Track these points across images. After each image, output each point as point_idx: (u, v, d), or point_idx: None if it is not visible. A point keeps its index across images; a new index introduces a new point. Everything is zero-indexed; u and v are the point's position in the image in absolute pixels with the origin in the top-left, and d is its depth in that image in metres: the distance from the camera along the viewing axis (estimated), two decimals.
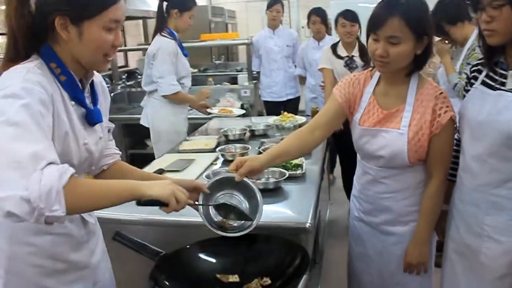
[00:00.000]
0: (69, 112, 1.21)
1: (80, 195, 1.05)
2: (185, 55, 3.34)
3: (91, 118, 1.29)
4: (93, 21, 1.14)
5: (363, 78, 1.79)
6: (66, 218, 1.03)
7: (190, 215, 1.82)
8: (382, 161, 1.71)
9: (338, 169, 4.35)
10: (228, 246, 1.44)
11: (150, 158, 2.89)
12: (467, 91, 1.58)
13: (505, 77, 1.43)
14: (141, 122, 3.49)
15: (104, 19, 1.15)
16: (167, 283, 1.24)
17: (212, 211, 1.50)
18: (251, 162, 1.62)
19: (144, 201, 1.17)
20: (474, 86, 1.54)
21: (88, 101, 1.30)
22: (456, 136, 1.68)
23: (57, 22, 1.13)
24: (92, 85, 1.34)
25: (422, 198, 1.72)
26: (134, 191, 1.14)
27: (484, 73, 1.51)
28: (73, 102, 1.23)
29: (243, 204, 1.56)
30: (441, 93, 1.63)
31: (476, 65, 1.58)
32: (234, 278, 1.34)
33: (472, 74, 1.58)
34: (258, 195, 1.53)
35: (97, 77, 1.39)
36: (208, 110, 3.50)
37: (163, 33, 3.19)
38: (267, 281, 1.30)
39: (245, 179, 1.58)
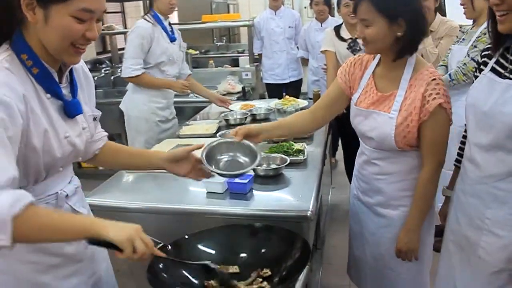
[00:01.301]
0: (46, 107, 1.14)
1: (31, 227, 0.97)
2: (172, 40, 3.16)
3: (69, 111, 1.22)
4: (61, 6, 1.05)
5: (366, 59, 1.80)
6: (13, 247, 0.96)
7: (191, 203, 1.82)
8: (374, 143, 1.73)
9: (340, 152, 4.32)
10: (227, 237, 1.42)
11: None
12: (476, 77, 1.50)
13: None
14: (120, 106, 3.38)
15: (74, 6, 1.06)
16: (165, 275, 1.21)
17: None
18: (249, 125, 1.70)
19: (97, 241, 1.05)
20: (483, 72, 1.45)
21: (66, 91, 1.23)
22: (464, 124, 1.62)
23: (23, 2, 1.05)
24: (71, 73, 1.26)
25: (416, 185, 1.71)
26: (87, 231, 1.02)
27: (494, 59, 1.42)
28: (49, 95, 1.16)
29: (242, 158, 1.56)
30: (434, 79, 1.60)
31: (487, 49, 1.48)
32: (234, 269, 1.32)
33: (482, 59, 1.49)
34: (255, 148, 1.57)
35: (78, 63, 1.28)
36: (230, 107, 3.31)
37: (145, 16, 3.10)
38: (267, 272, 1.27)
39: (244, 141, 1.60)
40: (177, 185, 2.02)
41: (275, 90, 4.81)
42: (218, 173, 1.47)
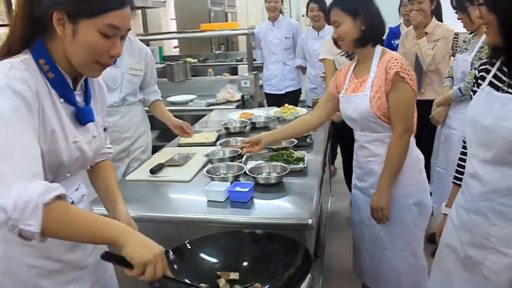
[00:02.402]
0: (58, 110, 1.17)
1: (60, 220, 0.99)
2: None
3: (81, 117, 1.25)
4: (90, 21, 1.10)
5: (348, 65, 2.22)
6: (45, 239, 0.98)
7: (192, 212, 1.82)
8: (358, 125, 2.08)
9: (339, 160, 4.33)
10: (229, 243, 1.42)
11: None
12: (475, 92, 1.50)
13: None
14: None
15: (102, 22, 1.11)
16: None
17: None
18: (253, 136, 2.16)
19: (112, 257, 1.05)
20: (481, 87, 1.45)
21: (79, 99, 1.26)
22: (463, 141, 1.63)
23: (55, 16, 1.09)
24: (86, 82, 1.30)
25: None
26: (115, 240, 1.03)
27: (492, 73, 1.42)
28: (62, 100, 1.19)
29: None
30: (393, 57, 1.96)
31: (484, 63, 1.49)
32: (235, 275, 1.32)
33: (480, 74, 1.49)
34: None
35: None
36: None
37: None
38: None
39: None
40: (177, 194, 2.02)
41: (273, 100, 4.79)
42: None
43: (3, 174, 0.95)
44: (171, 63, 4.80)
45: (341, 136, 3.73)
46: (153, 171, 2.20)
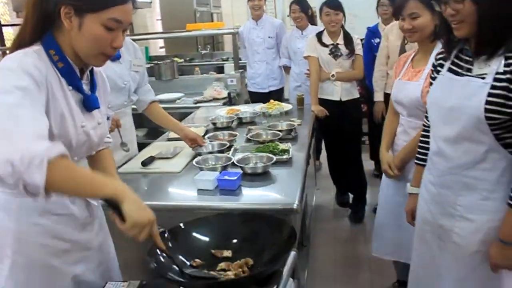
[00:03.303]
0: (67, 96, 1.27)
1: (63, 175, 1.06)
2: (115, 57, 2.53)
3: (88, 104, 1.35)
4: (95, 15, 1.20)
5: (409, 54, 2.32)
6: (48, 196, 1.04)
7: (182, 200, 1.91)
8: (407, 110, 2.19)
9: (324, 155, 4.44)
10: (220, 224, 1.52)
11: None
12: (434, 78, 1.67)
13: (471, 63, 1.50)
14: None
15: (106, 16, 1.21)
16: (162, 259, 1.30)
17: None
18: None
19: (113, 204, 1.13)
20: (441, 73, 1.62)
21: (86, 88, 1.36)
22: (424, 122, 1.80)
23: (63, 11, 1.20)
24: (92, 73, 1.40)
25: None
26: (114, 193, 1.12)
27: (449, 61, 1.60)
28: (70, 87, 1.29)
29: None
30: None
31: (441, 53, 1.67)
32: (228, 253, 1.42)
33: (438, 62, 1.67)
34: None
35: (98, 68, 1.45)
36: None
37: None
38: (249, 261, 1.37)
39: None
40: (169, 184, 2.11)
41: (257, 99, 4.83)
42: None
43: (11, 132, 1.02)
44: (159, 62, 4.88)
45: (326, 131, 3.83)
46: (145, 163, 2.29)
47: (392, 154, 2.32)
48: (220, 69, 5.88)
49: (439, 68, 1.65)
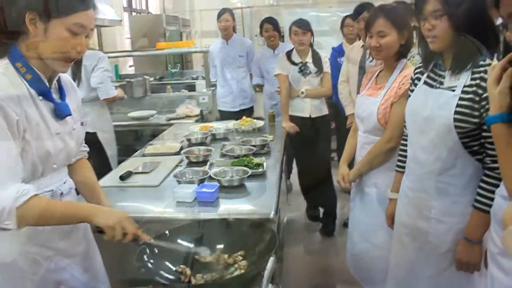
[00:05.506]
0: (39, 108, 1.33)
1: (35, 216, 1.20)
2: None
3: (59, 111, 1.40)
4: (60, 20, 1.27)
5: (376, 69, 2.38)
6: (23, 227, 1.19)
7: (162, 213, 1.96)
8: (364, 125, 2.26)
9: (294, 175, 4.53)
10: (204, 230, 1.59)
11: None
12: (412, 91, 1.83)
13: (443, 77, 1.66)
14: None
15: (70, 21, 1.27)
16: (150, 265, 1.36)
17: None
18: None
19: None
20: (418, 86, 1.79)
21: (56, 96, 1.42)
22: (404, 131, 1.94)
23: (27, 17, 1.25)
24: (59, 82, 1.45)
25: None
26: (86, 218, 1.30)
27: (425, 75, 1.76)
28: (41, 97, 1.34)
29: None
30: (410, 75, 2.00)
31: (419, 67, 1.84)
32: (211, 258, 1.48)
33: (416, 76, 1.85)
34: None
35: (65, 77, 1.52)
36: None
37: None
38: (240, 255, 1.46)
39: None
40: (147, 197, 2.16)
41: (227, 117, 4.78)
42: None
43: None
44: (131, 80, 4.91)
45: (296, 148, 3.88)
46: (123, 177, 2.33)
47: (347, 168, 2.37)
48: (190, 87, 5.91)
49: (416, 82, 1.82)
